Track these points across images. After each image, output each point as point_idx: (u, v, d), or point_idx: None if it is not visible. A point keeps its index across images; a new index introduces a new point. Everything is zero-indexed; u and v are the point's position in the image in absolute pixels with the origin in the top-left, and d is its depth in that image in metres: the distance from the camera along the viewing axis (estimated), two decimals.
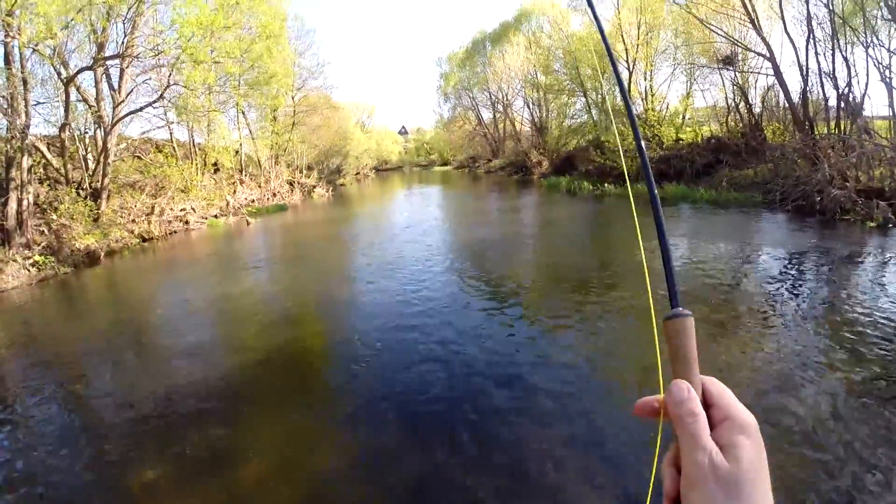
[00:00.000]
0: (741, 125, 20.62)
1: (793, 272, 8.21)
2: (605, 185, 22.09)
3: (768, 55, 17.53)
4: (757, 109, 20.33)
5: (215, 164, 24.92)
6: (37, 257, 11.46)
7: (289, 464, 4.16)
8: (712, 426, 0.58)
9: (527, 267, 10.68)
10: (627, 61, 24.63)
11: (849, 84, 15.25)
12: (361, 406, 5.05)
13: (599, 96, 27.80)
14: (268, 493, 3.79)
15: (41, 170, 14.21)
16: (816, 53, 16.12)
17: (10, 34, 10.70)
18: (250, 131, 28.90)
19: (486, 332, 6.75)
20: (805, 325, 6.02)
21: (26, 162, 11.78)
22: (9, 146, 11.40)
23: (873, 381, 4.59)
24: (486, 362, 5.80)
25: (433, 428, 4.53)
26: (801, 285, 7.55)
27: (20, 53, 11.65)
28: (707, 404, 0.60)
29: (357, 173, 49.74)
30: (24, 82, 11.60)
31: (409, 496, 3.68)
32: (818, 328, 5.90)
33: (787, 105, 17.99)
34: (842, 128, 15.30)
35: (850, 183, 12.38)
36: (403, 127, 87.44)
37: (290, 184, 30.89)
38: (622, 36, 24.34)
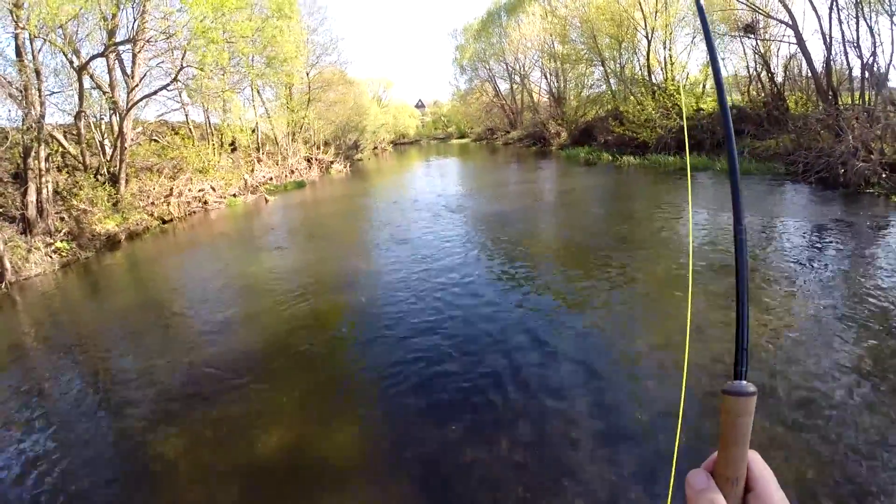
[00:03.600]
0: (763, 95, 20.03)
1: (814, 245, 8.10)
2: (624, 156, 21.84)
3: (790, 23, 16.88)
4: (779, 79, 19.68)
5: (232, 144, 25.17)
6: (58, 244, 11.86)
7: (307, 437, 4.34)
8: None
9: (546, 239, 10.75)
10: (646, 29, 23.95)
11: (873, 54, 14.61)
12: (380, 379, 5.20)
13: (618, 65, 27.14)
14: (286, 465, 3.97)
15: (59, 158, 14.56)
16: (840, 21, 15.42)
17: (20, 25, 10.89)
18: (266, 109, 29.02)
19: (506, 304, 6.86)
20: (825, 299, 5.98)
21: (43, 151, 12.08)
22: (25, 137, 11.71)
23: (893, 358, 4.57)
24: (505, 335, 5.90)
25: (451, 401, 4.64)
26: (822, 258, 7.45)
27: (31, 45, 11.87)
28: (748, 488, 0.58)
29: (374, 148, 49.72)
30: (37, 73, 11.81)
31: (425, 469, 3.78)
32: (839, 302, 5.85)
33: (809, 74, 17.38)
34: (866, 98, 14.74)
35: (874, 155, 12.02)
36: (420, 100, 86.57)
37: (308, 160, 31.05)
38: (640, 3, 23.64)
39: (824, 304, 5.87)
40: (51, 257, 11.46)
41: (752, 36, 19.42)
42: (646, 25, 23.98)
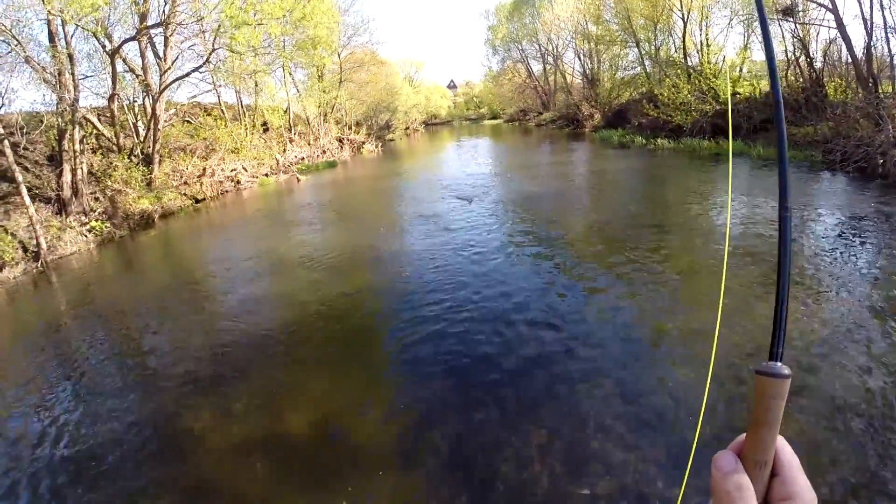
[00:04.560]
0: (801, 80, 19.20)
1: (851, 237, 7.82)
2: (658, 139, 21.44)
3: (830, 6, 16.10)
4: (818, 64, 18.81)
5: (264, 124, 25.51)
6: (93, 223, 12.30)
7: (335, 414, 4.46)
8: (770, 499, 0.57)
9: (578, 222, 10.69)
10: (682, 10, 23.16)
11: None
12: (406, 359, 5.30)
13: (653, 47, 26.38)
14: (313, 441, 4.11)
15: (93, 140, 15.01)
16: (882, 6, 14.72)
17: (53, 12, 11.18)
18: (297, 90, 29.26)
19: (536, 287, 6.89)
20: (860, 292, 5.82)
21: (78, 134, 12.49)
22: (60, 120, 12.10)
23: None
24: (534, 316, 5.94)
25: (479, 382, 4.70)
26: (858, 251, 7.22)
27: (63, 30, 12.20)
28: (774, 472, 0.57)
29: (406, 128, 49.72)
30: (70, 58, 12.17)
31: (451, 450, 3.85)
32: (873, 296, 5.67)
33: (849, 60, 16.62)
34: None
35: None
36: (452, 81, 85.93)
37: (340, 140, 31.27)
38: None
39: (859, 296, 5.69)
40: (85, 236, 11.90)
41: (791, 19, 18.58)
42: (681, 6, 23.23)
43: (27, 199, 10.51)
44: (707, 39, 23.63)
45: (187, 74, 16.84)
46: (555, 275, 7.34)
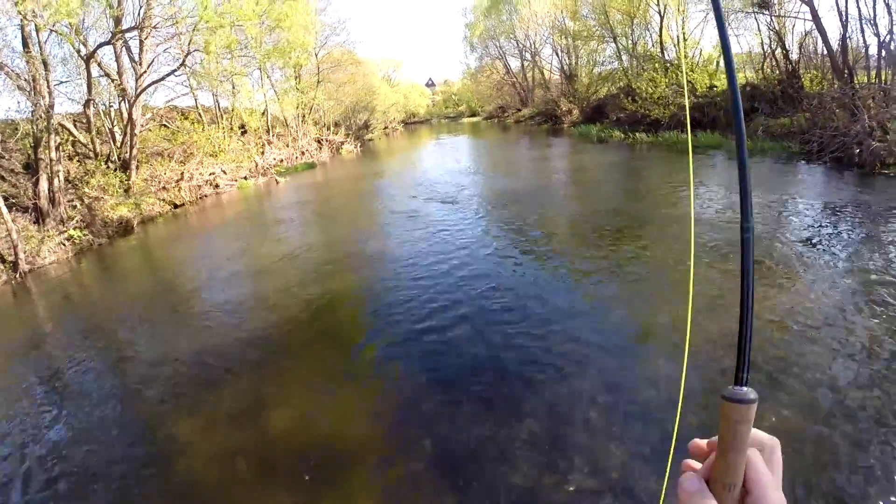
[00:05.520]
0: (777, 72, 19.58)
1: (828, 226, 7.98)
2: (636, 133, 21.67)
3: None
4: (794, 56, 19.18)
5: (242, 127, 25.26)
6: (71, 231, 12.08)
7: (319, 416, 4.47)
8: None
9: (558, 217, 10.76)
10: (658, 5, 23.43)
11: (891, 31, 14.19)
12: (388, 359, 5.31)
13: (630, 42, 26.65)
14: (299, 444, 4.10)
15: (69, 147, 14.75)
16: None
17: (27, 18, 10.98)
18: (275, 91, 29.02)
19: (516, 283, 6.97)
20: (836, 280, 5.91)
21: (54, 141, 12.24)
22: (35, 127, 11.88)
23: None
24: (517, 313, 5.99)
25: (461, 379, 4.73)
26: (835, 239, 7.35)
27: (38, 35, 11.95)
28: (746, 490, 0.58)
29: (385, 128, 49.50)
30: (45, 63, 11.92)
31: (436, 447, 3.87)
32: (850, 284, 5.78)
33: (825, 52, 16.93)
34: (883, 77, 14.38)
35: (890, 135, 11.73)
36: (430, 79, 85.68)
37: (318, 141, 31.08)
38: None
39: (836, 284, 5.80)
40: (64, 245, 11.71)
41: (767, 12, 18.93)
42: (658, 1, 23.47)
43: (3, 209, 10.27)
44: (684, 34, 23.95)
45: (163, 78, 16.65)
46: (535, 270, 7.43)
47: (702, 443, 0.66)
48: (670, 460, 0.74)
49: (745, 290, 0.60)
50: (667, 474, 0.74)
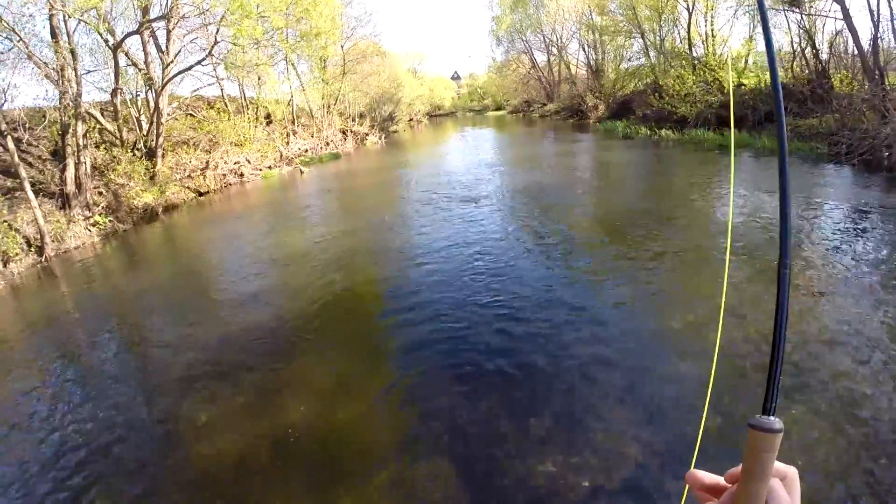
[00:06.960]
0: (807, 72, 19.02)
1: (855, 231, 7.76)
2: (662, 130, 21.36)
3: None
4: (824, 56, 18.61)
5: (268, 117, 25.52)
6: (97, 217, 12.39)
7: (337, 407, 4.49)
8: None
9: (582, 214, 10.70)
10: (687, 1, 22.94)
11: None
12: (408, 351, 5.33)
13: (658, 38, 26.17)
14: (316, 434, 4.13)
15: (96, 134, 15.07)
16: None
17: (56, 7, 11.21)
18: (301, 82, 29.22)
19: (540, 278, 6.91)
20: (863, 287, 5.75)
21: (81, 129, 12.54)
22: (63, 115, 12.16)
23: None
24: (536, 308, 5.97)
25: (482, 374, 4.72)
26: (862, 245, 7.15)
27: (66, 25, 12.21)
28: None
29: (410, 120, 49.62)
30: (73, 53, 12.21)
31: (451, 443, 3.87)
32: (877, 291, 5.62)
33: (856, 52, 16.37)
34: None
35: None
36: (456, 72, 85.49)
37: (343, 132, 31.28)
38: None
39: (863, 289, 5.65)
40: (89, 230, 12.01)
41: (797, 10, 18.38)
42: None
43: (31, 195, 10.59)
44: (712, 30, 23.43)
45: (190, 68, 16.90)
46: (558, 266, 7.37)
47: (702, 475, 0.67)
48: (693, 464, 0.74)
49: (778, 323, 0.61)
50: (684, 494, 0.74)
